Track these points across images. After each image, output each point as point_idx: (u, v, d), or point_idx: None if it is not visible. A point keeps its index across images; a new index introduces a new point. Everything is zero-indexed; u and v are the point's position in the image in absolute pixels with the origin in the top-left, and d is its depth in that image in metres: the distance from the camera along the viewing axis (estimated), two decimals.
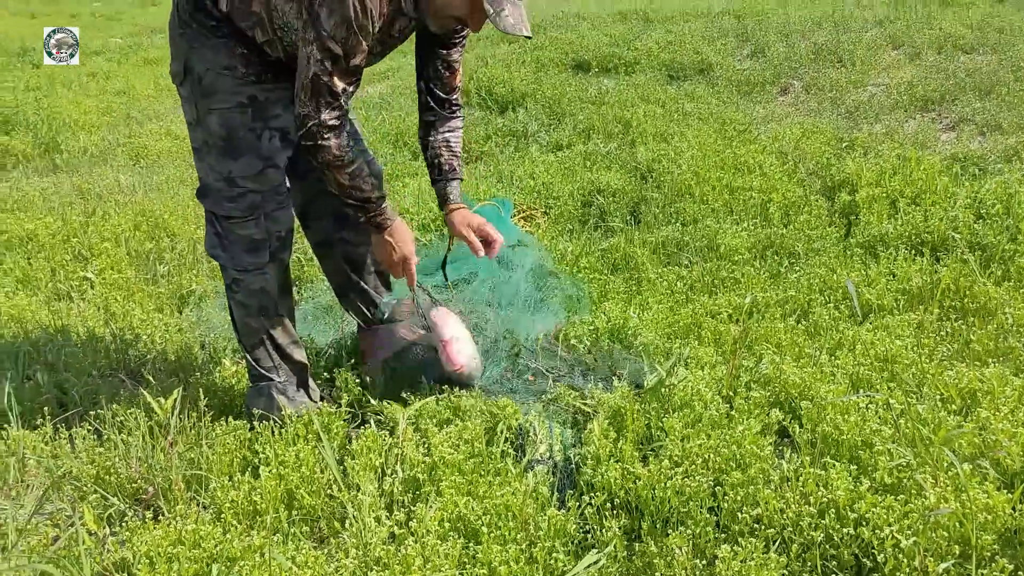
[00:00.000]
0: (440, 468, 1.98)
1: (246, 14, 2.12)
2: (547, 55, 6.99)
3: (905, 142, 4.57)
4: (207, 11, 2.14)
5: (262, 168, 2.24)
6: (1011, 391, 2.09)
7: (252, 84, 2.19)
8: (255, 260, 2.31)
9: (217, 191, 2.27)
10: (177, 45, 2.22)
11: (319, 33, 1.96)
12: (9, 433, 2.31)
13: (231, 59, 2.16)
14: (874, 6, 7.85)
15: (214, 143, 2.22)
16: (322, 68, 1.99)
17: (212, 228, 2.33)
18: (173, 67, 2.26)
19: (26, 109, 6.45)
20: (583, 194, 4.05)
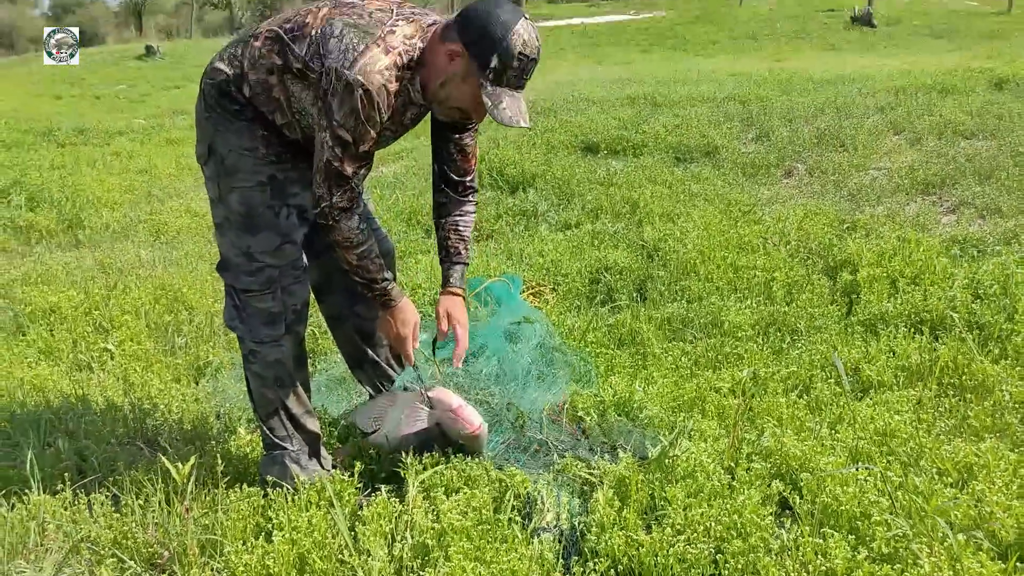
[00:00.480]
0: (449, 534, 2.04)
1: (267, 99, 2.25)
2: (557, 137, 7.19)
3: (906, 224, 4.68)
4: (231, 96, 2.28)
5: (280, 244, 2.35)
6: (1006, 465, 2.15)
7: (271, 164, 2.32)
8: (271, 332, 2.40)
9: (236, 265, 2.37)
10: (203, 128, 2.36)
11: (331, 121, 2.09)
12: (30, 498, 2.37)
13: (252, 141, 2.29)
14: (875, 93, 8.05)
15: (235, 219, 2.34)
16: (333, 154, 2.12)
17: (231, 301, 2.43)
18: (198, 148, 2.39)
19: (51, 187, 6.66)
20: (591, 271, 4.15)
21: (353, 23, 2.13)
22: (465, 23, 2.11)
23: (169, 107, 12.43)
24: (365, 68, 2.05)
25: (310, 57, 2.14)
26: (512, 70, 2.10)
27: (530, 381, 2.84)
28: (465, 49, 2.10)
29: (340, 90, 2.05)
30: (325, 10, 2.19)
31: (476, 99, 2.14)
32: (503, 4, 2.11)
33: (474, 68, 2.10)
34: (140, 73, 18.28)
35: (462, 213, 2.58)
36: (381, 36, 2.11)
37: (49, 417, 2.92)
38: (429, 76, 2.18)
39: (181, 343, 3.68)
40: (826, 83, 8.95)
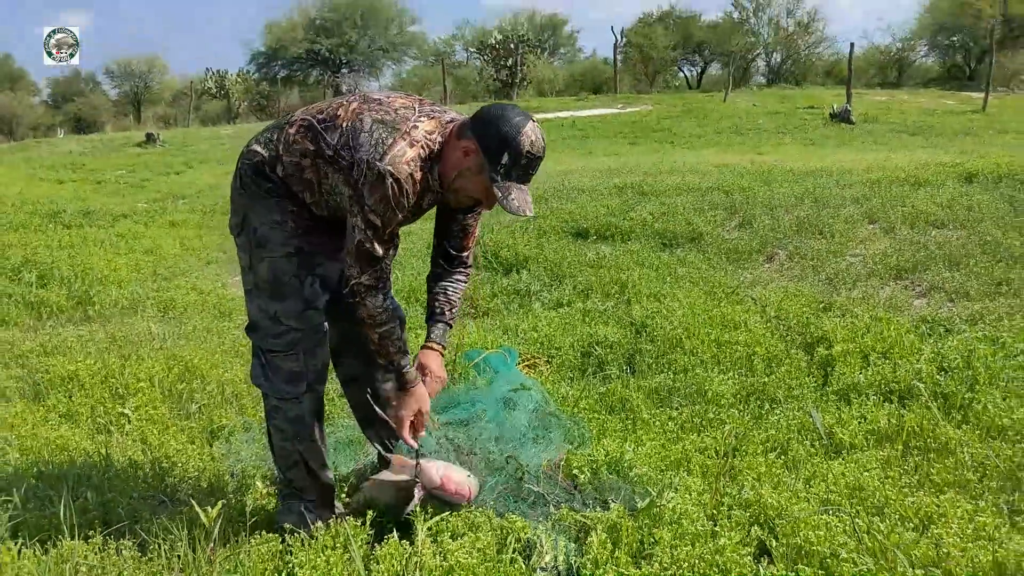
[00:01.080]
0: (456, 571, 2.23)
1: (299, 180, 2.52)
2: (548, 223, 7.51)
3: (879, 306, 4.96)
4: (266, 176, 2.55)
5: (304, 310, 2.59)
6: (963, 513, 2.37)
7: (299, 237, 2.57)
8: (293, 390, 2.62)
9: (264, 328, 2.61)
10: (237, 202, 2.63)
11: (363, 207, 2.35)
12: (63, 543, 2.55)
13: (283, 215, 2.56)
14: (852, 185, 8.45)
15: (263, 286, 2.59)
16: (365, 236, 2.38)
17: (257, 360, 2.66)
18: (232, 220, 2.66)
19: (60, 265, 6.89)
20: (582, 345, 4.40)
21: (381, 119, 2.41)
22: (479, 123, 2.39)
23: (170, 191, 12.78)
24: (394, 160, 2.32)
25: (341, 146, 2.41)
26: (520, 167, 2.37)
27: (527, 441, 3.06)
28: (479, 146, 2.37)
29: (372, 179, 2.32)
30: (355, 104, 2.48)
31: (487, 190, 2.40)
32: (513, 108, 2.40)
33: (486, 164, 2.36)
34: (140, 159, 18.71)
35: (453, 280, 2.82)
36: (407, 131, 2.39)
37: (75, 473, 3.11)
38: (446, 168, 2.44)
39: (194, 409, 3.88)
40: (805, 175, 9.37)
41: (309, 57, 39.83)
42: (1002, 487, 2.64)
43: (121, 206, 10.82)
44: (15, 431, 3.53)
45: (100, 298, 6.17)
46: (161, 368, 4.28)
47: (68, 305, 6.07)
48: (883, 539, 2.16)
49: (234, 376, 4.22)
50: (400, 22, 41.63)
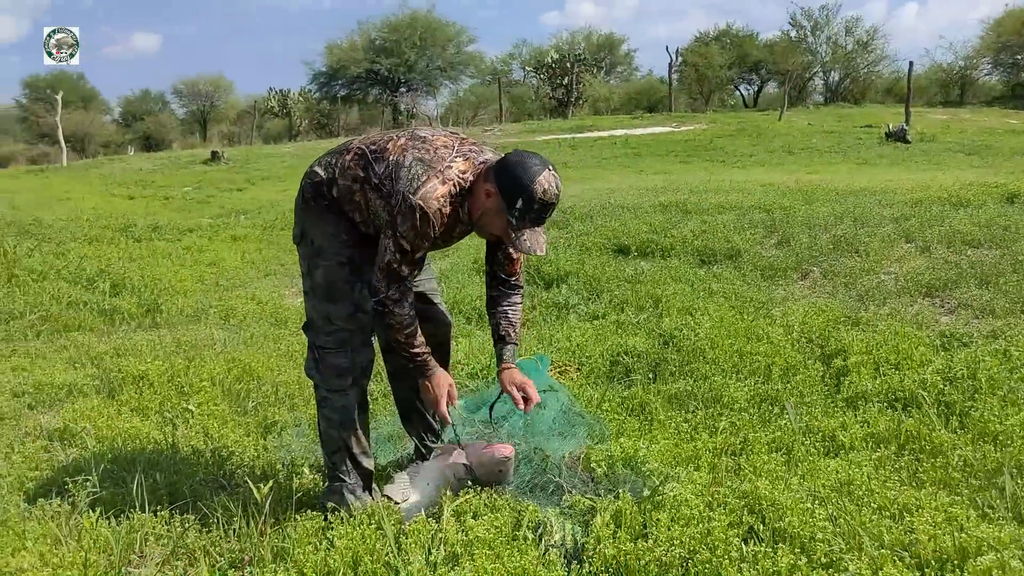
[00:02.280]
0: (475, 544, 2.52)
1: (350, 201, 2.88)
2: (591, 240, 7.79)
3: (906, 322, 5.13)
4: (323, 195, 2.93)
5: (353, 312, 2.93)
6: (938, 505, 2.59)
7: (351, 248, 2.93)
8: (341, 383, 2.96)
9: (318, 327, 2.96)
10: (299, 216, 3.01)
11: (396, 232, 2.71)
12: (135, 516, 2.91)
13: (337, 228, 2.92)
14: (893, 205, 8.57)
15: (319, 290, 2.94)
16: (394, 258, 2.73)
17: (312, 355, 3.01)
18: (295, 231, 3.05)
19: (131, 276, 7.38)
20: (611, 355, 4.67)
21: (420, 157, 2.76)
22: (501, 169, 2.71)
23: (233, 207, 13.34)
24: (426, 195, 2.67)
25: (385, 177, 2.76)
26: (533, 212, 2.67)
27: (552, 436, 3.35)
28: (498, 191, 2.69)
29: (405, 210, 2.67)
30: (403, 140, 2.84)
31: (505, 229, 2.73)
32: (533, 156, 2.73)
33: (504, 206, 2.69)
34: (205, 176, 19.47)
35: (510, 303, 3.17)
36: (441, 169, 2.73)
37: (145, 458, 3.48)
38: (473, 206, 2.78)
39: (251, 406, 4.24)
40: (848, 194, 9.49)
41: (368, 76, 40.75)
42: (982, 485, 2.84)
43: (187, 221, 11.38)
44: (92, 422, 3.92)
45: (167, 306, 6.62)
46: (222, 370, 4.66)
47: (138, 312, 6.51)
48: (855, 524, 2.40)
49: (287, 378, 4.58)
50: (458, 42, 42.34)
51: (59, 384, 4.54)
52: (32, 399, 4.39)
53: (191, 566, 2.68)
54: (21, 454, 3.64)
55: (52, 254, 8.07)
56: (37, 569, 2.56)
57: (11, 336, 5.73)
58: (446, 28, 41.81)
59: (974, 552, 2.30)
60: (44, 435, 3.89)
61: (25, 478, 3.38)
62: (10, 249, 7.80)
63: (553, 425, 3.47)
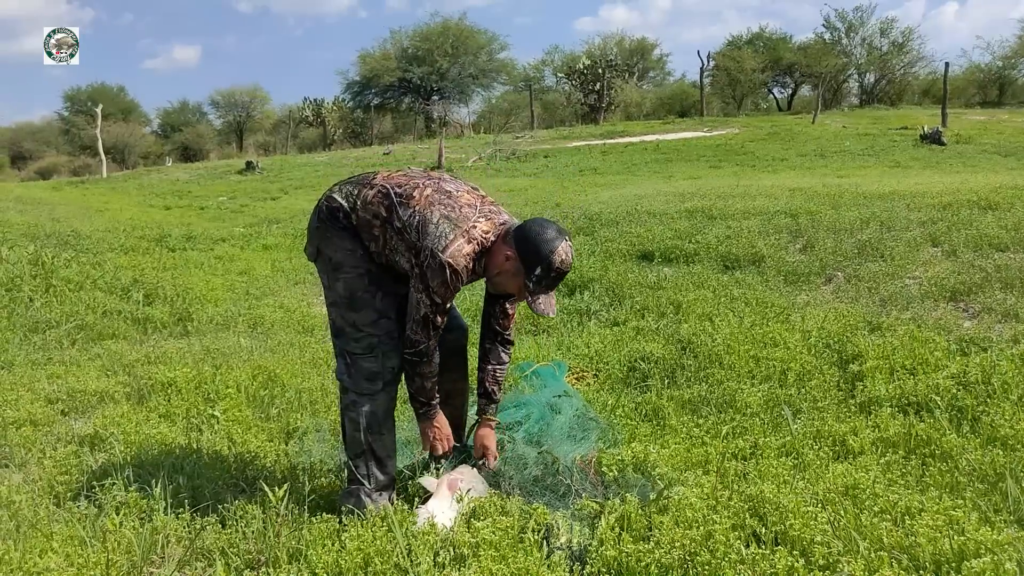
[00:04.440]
0: (482, 547, 2.59)
1: (368, 232, 3.00)
2: (615, 246, 7.84)
3: (927, 327, 5.11)
4: (339, 220, 3.04)
5: (377, 319, 3.04)
6: (941, 508, 2.61)
7: (368, 262, 3.04)
8: (371, 387, 3.06)
9: (347, 333, 3.08)
10: (313, 234, 3.12)
11: (427, 287, 2.86)
12: (157, 517, 3.02)
13: (353, 243, 3.03)
14: (921, 208, 8.50)
15: (341, 301, 3.05)
16: (431, 311, 2.90)
17: (342, 360, 3.11)
18: (309, 249, 3.16)
19: (164, 285, 7.55)
20: (629, 360, 4.72)
21: (446, 215, 2.90)
22: (521, 239, 2.86)
23: (266, 216, 13.55)
24: (454, 254, 2.83)
25: (410, 226, 2.90)
26: (549, 279, 2.85)
27: (565, 440, 3.42)
28: (518, 256, 2.85)
29: (435, 266, 2.82)
30: (429, 191, 2.96)
31: (520, 289, 2.91)
32: (551, 227, 2.89)
33: (521, 270, 2.85)
34: (240, 186, 19.77)
35: (499, 362, 3.34)
36: (466, 229, 2.89)
37: (170, 463, 3.59)
38: (491, 264, 2.94)
39: (274, 412, 4.35)
40: (876, 198, 9.43)
41: (401, 85, 41.10)
42: (987, 489, 2.86)
43: (220, 231, 11.58)
44: (121, 428, 4.04)
45: (198, 315, 6.77)
46: (247, 377, 4.78)
47: (170, 321, 6.67)
48: (851, 528, 2.43)
49: (311, 385, 4.69)
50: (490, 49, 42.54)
51: (92, 391, 4.68)
52: (65, 405, 4.53)
53: (210, 567, 2.78)
54: (52, 459, 3.77)
55: (89, 264, 8.26)
56: (62, 569, 2.67)
57: (48, 345, 5.90)
58: (478, 36, 42.04)
59: (972, 555, 2.32)
60: (75, 440, 4.03)
61: (55, 482, 3.50)
62: (48, 260, 8.00)
63: (566, 430, 3.53)
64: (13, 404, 4.42)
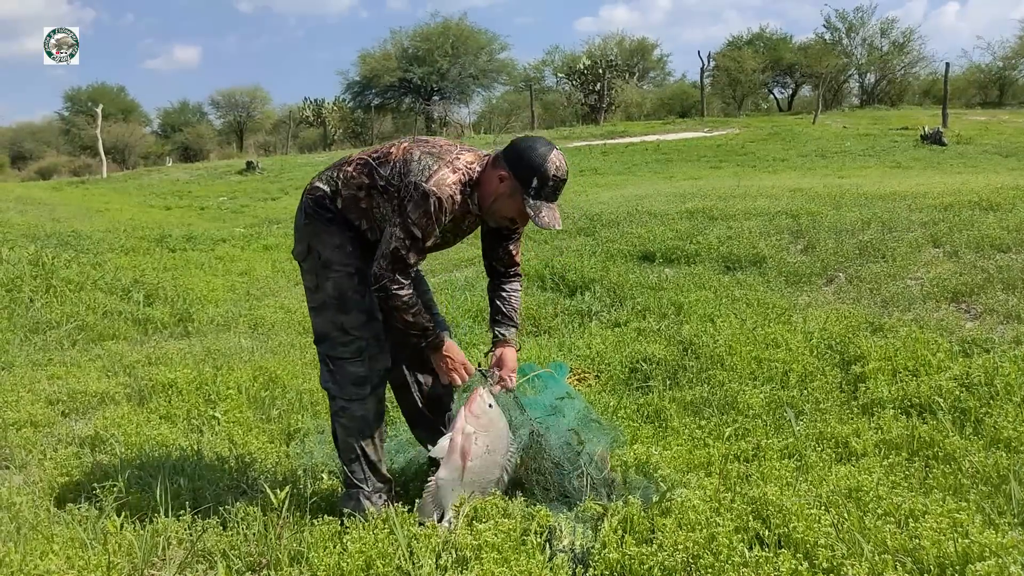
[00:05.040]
0: (484, 550, 2.58)
1: (355, 209, 2.97)
2: (616, 247, 7.83)
3: (929, 328, 5.10)
4: (326, 207, 3.00)
5: (367, 320, 3.01)
6: (945, 511, 2.60)
7: (358, 259, 3.00)
8: (359, 392, 3.03)
9: (333, 338, 3.03)
10: (302, 232, 3.07)
11: (405, 219, 2.78)
12: (158, 520, 3.01)
13: (343, 240, 2.99)
14: (923, 209, 8.49)
15: (330, 302, 3.01)
16: (402, 244, 2.80)
17: (325, 367, 3.08)
18: (298, 248, 3.10)
19: (165, 286, 7.54)
20: (630, 362, 4.71)
21: (428, 152, 2.87)
22: (512, 154, 2.83)
23: (266, 216, 13.55)
24: (438, 182, 2.77)
25: (392, 176, 2.86)
26: (547, 188, 2.81)
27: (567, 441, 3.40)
28: (511, 173, 2.80)
29: (417, 197, 2.76)
30: (406, 144, 2.95)
31: (520, 210, 2.84)
32: (540, 139, 2.84)
33: (519, 187, 2.80)
34: (240, 186, 19.78)
35: (511, 288, 3.26)
36: (450, 160, 2.85)
37: (171, 464, 3.58)
38: (484, 193, 2.88)
39: (275, 413, 4.34)
40: (877, 199, 9.42)
41: (402, 85, 41.09)
42: (991, 492, 2.85)
43: (221, 231, 11.57)
44: (121, 429, 4.04)
45: (199, 316, 6.76)
46: (248, 377, 4.77)
47: (171, 322, 6.67)
48: (855, 530, 2.42)
49: (312, 386, 4.67)
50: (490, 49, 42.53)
51: (92, 392, 4.67)
52: (66, 407, 4.52)
53: (211, 569, 2.77)
54: (53, 460, 3.76)
55: (89, 265, 8.25)
56: (63, 571, 2.65)
57: (48, 346, 5.89)
58: (478, 36, 42.04)
59: (976, 558, 2.31)
60: (76, 442, 4.02)
61: (56, 484, 3.50)
62: (49, 260, 8.00)
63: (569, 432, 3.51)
64: (13, 405, 4.42)
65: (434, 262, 8.02)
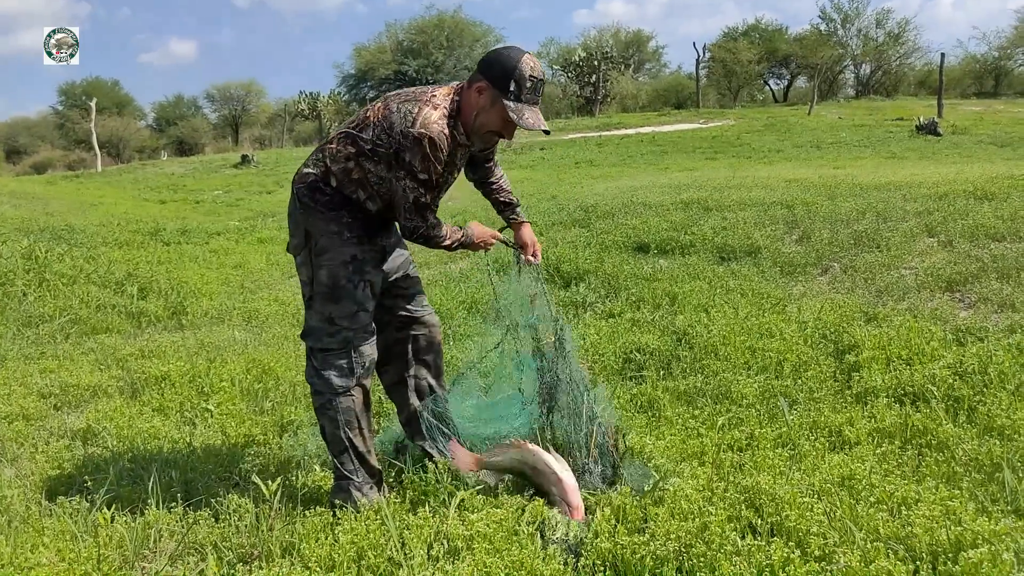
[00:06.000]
0: (476, 540, 2.57)
1: (349, 181, 2.98)
2: (611, 238, 7.81)
3: (923, 317, 5.10)
4: (320, 190, 3.00)
5: (356, 311, 3.00)
6: (938, 499, 2.60)
7: (353, 246, 2.99)
8: (345, 384, 3.02)
9: (320, 330, 3.02)
10: (297, 222, 3.05)
11: (409, 169, 2.83)
12: (150, 512, 3.00)
13: (339, 227, 2.99)
14: (917, 199, 8.48)
15: (322, 291, 3.00)
16: (418, 192, 2.87)
17: (311, 361, 3.07)
18: (294, 240, 3.09)
19: (159, 279, 7.52)
20: (625, 352, 4.70)
21: (404, 100, 2.91)
22: (485, 65, 2.88)
23: (261, 210, 13.52)
24: (424, 122, 2.80)
25: (377, 136, 2.89)
26: (526, 89, 2.82)
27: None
28: (488, 83, 2.84)
29: (410, 144, 2.80)
30: (379, 104, 2.97)
31: (504, 119, 2.86)
32: (509, 47, 2.91)
33: (498, 95, 2.82)
34: (235, 180, 19.73)
35: (496, 178, 3.37)
36: (427, 99, 2.88)
37: (163, 457, 3.57)
38: (466, 114, 2.93)
39: (268, 405, 4.33)
40: (872, 189, 9.41)
41: (397, 78, 41.02)
42: (984, 479, 2.85)
43: (215, 224, 11.55)
44: (114, 422, 4.02)
45: (193, 309, 6.75)
46: (241, 370, 4.75)
47: (165, 315, 6.65)
48: (847, 518, 2.42)
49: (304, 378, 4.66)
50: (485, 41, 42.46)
51: (84, 386, 4.66)
52: (58, 400, 4.51)
53: (202, 561, 2.75)
54: (45, 454, 3.75)
55: (83, 258, 8.23)
56: (54, 564, 2.64)
57: (40, 339, 5.88)
58: (473, 28, 42.01)
59: (969, 545, 2.31)
60: (68, 435, 4.01)
61: (48, 477, 3.48)
62: (42, 254, 7.97)
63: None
64: (5, 399, 4.41)
65: (429, 255, 8.00)
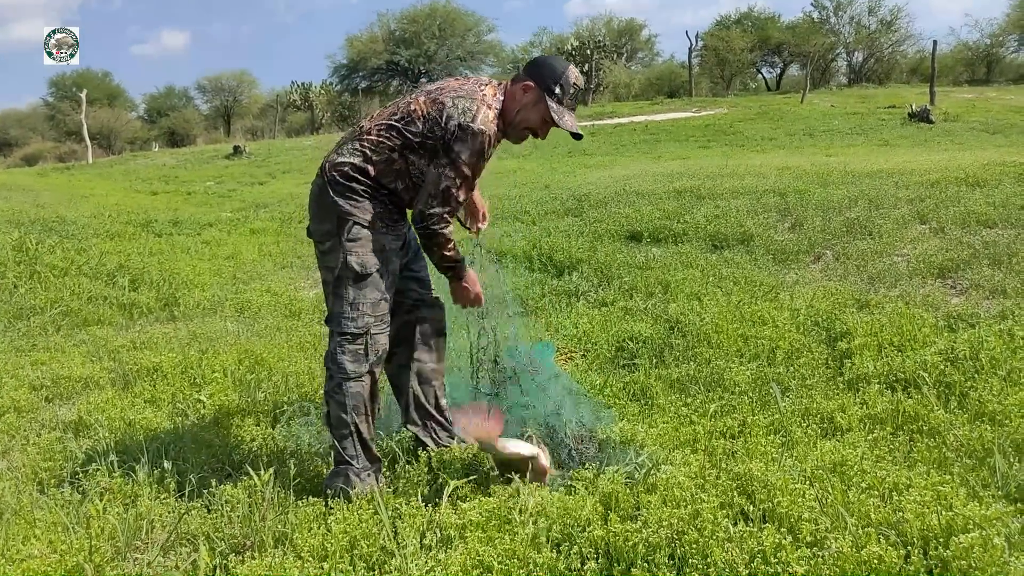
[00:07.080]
0: (468, 529, 2.57)
1: (390, 171, 3.05)
2: (604, 227, 7.81)
3: (915, 304, 5.11)
4: (357, 179, 3.04)
5: (379, 299, 3.04)
6: (929, 484, 2.61)
7: (383, 235, 3.04)
8: (357, 369, 3.03)
9: (342, 314, 3.04)
10: (328, 209, 3.06)
11: (455, 160, 2.94)
12: (141, 503, 2.99)
13: (374, 216, 3.04)
14: (909, 186, 8.50)
15: (349, 276, 3.02)
16: (454, 183, 2.95)
17: (332, 344, 3.08)
18: (324, 227, 3.09)
19: (150, 270, 7.49)
20: (617, 340, 4.70)
21: (459, 95, 3.01)
22: (533, 67, 3.11)
23: (253, 201, 13.47)
24: (484, 120, 2.96)
25: (429, 129, 2.98)
26: (569, 95, 3.07)
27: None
28: (535, 83, 3.04)
29: (467, 139, 2.92)
30: (422, 97, 3.05)
31: (544, 118, 3.07)
32: (556, 56, 3.15)
33: (542, 95, 3.03)
34: (227, 171, 19.66)
35: None
36: (482, 98, 3.00)
37: (155, 448, 3.55)
38: (508, 110, 3.06)
39: (261, 396, 4.32)
40: (864, 177, 9.42)
41: (389, 68, 40.91)
42: (975, 465, 2.86)
43: (208, 215, 11.51)
44: (105, 414, 4.01)
45: (185, 300, 6.72)
46: (234, 361, 4.74)
47: (156, 306, 6.63)
48: (838, 504, 2.43)
49: (298, 368, 4.65)
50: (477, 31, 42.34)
51: (76, 377, 4.64)
52: (50, 392, 4.50)
53: (194, 551, 2.75)
54: (37, 446, 3.74)
55: (74, 250, 8.19)
56: (45, 555, 2.64)
57: (32, 331, 5.85)
58: (465, 17, 41.85)
59: (960, 530, 2.32)
60: (59, 427, 4.00)
61: (39, 468, 3.47)
62: (33, 246, 7.93)
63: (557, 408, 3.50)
64: None
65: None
